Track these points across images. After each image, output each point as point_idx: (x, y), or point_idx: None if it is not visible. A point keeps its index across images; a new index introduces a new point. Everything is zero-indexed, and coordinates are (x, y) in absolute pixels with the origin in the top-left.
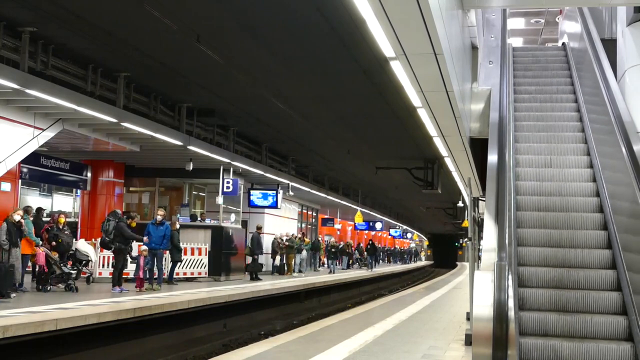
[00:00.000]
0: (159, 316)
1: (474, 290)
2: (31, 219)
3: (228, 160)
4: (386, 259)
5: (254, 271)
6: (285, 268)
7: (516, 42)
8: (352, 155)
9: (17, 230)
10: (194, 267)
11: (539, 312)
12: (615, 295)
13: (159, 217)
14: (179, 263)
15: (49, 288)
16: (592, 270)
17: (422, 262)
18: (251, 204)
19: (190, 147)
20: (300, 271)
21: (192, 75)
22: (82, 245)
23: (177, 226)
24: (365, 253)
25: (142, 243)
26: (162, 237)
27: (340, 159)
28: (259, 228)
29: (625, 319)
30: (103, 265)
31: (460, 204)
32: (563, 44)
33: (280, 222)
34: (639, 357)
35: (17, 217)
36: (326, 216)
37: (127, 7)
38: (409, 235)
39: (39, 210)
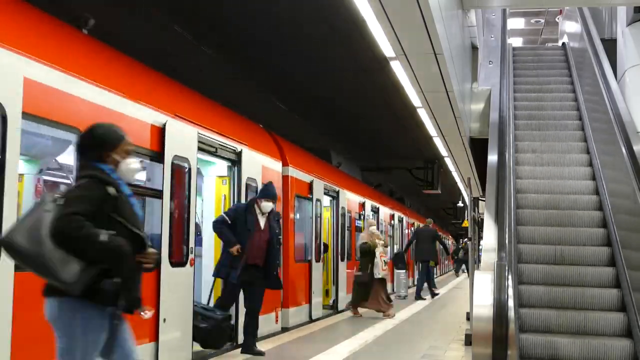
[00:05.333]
0: None
1: (474, 290)
2: None
3: None
4: None
5: None
6: None
7: (516, 42)
8: (352, 155)
9: None
10: None
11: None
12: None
13: None
14: None
15: None
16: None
17: None
18: None
19: None
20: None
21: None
22: None
23: None
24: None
25: None
26: None
27: (339, 159)
28: None
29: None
30: None
31: (460, 204)
32: (563, 44)
33: None
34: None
35: None
36: None
37: None
38: None
39: None
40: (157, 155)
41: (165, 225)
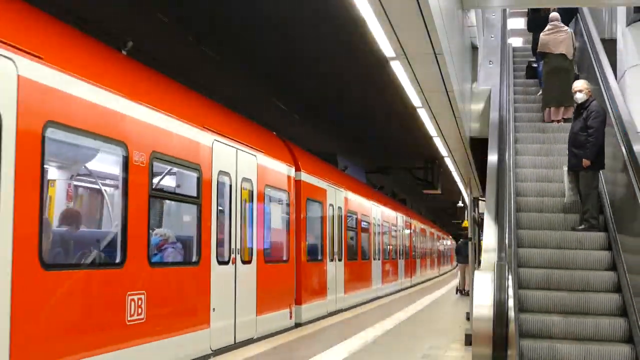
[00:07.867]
0: None
1: (474, 290)
2: None
3: None
4: None
5: None
6: None
7: (516, 42)
8: (357, 158)
9: None
10: None
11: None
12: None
13: None
14: None
15: None
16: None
17: None
18: None
19: None
20: None
21: None
22: None
23: None
24: None
25: None
26: None
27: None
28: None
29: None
30: None
31: (460, 204)
32: None
33: None
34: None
35: None
36: None
37: None
38: None
39: None
40: (206, 170)
41: (214, 230)
